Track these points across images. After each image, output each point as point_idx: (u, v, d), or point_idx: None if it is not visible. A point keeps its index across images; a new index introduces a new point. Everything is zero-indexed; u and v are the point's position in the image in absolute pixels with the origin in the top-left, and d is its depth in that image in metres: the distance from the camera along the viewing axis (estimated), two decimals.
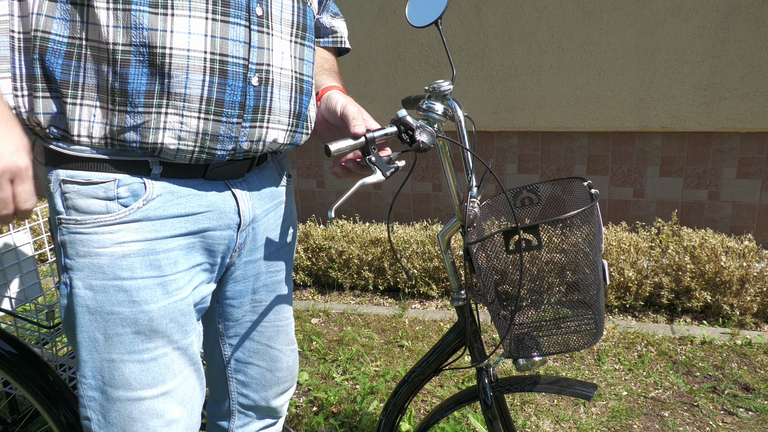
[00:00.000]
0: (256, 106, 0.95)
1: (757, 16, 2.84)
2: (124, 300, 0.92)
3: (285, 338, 1.24)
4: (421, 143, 1.03)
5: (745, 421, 2.09)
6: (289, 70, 1.00)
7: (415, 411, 2.23)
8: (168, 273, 0.95)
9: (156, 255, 0.93)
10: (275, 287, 1.19)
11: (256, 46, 0.93)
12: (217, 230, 1.00)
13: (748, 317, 2.69)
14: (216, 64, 0.89)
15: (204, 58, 0.88)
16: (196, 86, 0.88)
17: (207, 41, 0.88)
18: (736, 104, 2.97)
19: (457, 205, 1.20)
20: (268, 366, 1.23)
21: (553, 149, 3.35)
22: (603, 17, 3.02)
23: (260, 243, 1.12)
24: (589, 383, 1.27)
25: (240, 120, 0.93)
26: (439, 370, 1.39)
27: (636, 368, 2.41)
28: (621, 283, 2.83)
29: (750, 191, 3.12)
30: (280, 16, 0.98)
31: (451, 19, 3.23)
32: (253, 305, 1.17)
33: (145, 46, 0.85)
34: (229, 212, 1.02)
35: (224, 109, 0.91)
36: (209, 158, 0.94)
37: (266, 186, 1.10)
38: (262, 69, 0.94)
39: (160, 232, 0.93)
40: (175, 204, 0.94)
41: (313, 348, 2.71)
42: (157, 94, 0.87)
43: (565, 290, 1.19)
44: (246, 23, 0.91)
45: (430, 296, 3.15)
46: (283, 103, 1.00)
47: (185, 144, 0.90)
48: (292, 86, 1.01)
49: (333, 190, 3.79)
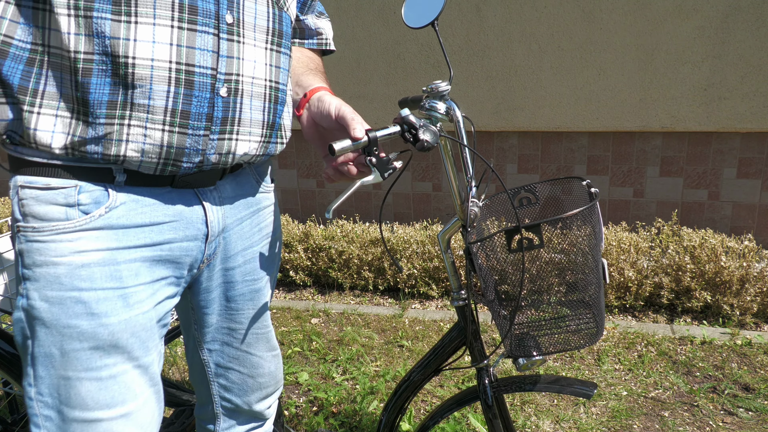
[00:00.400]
0: (225, 118, 0.91)
1: (757, 16, 2.83)
2: (83, 312, 0.87)
3: (266, 345, 1.21)
4: (425, 142, 1.03)
5: (745, 421, 2.09)
6: (262, 80, 0.96)
7: (415, 411, 2.23)
8: (129, 285, 0.90)
9: (117, 265, 0.89)
10: (253, 296, 1.15)
11: (225, 56, 0.89)
12: (183, 241, 0.96)
13: (748, 317, 2.69)
14: (182, 74, 0.85)
15: (169, 68, 0.84)
16: (160, 97, 0.84)
17: (172, 50, 0.84)
18: (736, 104, 2.97)
19: (459, 205, 1.20)
20: (249, 372, 1.20)
21: (553, 149, 3.35)
22: (603, 17, 3.02)
23: (234, 252, 1.08)
24: (589, 382, 1.27)
25: (207, 132, 0.89)
26: (439, 371, 1.39)
27: (636, 368, 2.41)
28: (621, 283, 2.83)
29: (750, 191, 3.12)
30: (254, 23, 0.93)
31: (451, 19, 3.23)
32: (229, 313, 1.13)
33: (108, 55, 0.81)
34: (197, 222, 0.97)
35: (190, 121, 0.87)
36: (175, 170, 0.90)
37: (241, 194, 1.06)
38: (231, 79, 0.90)
39: (122, 241, 0.89)
40: (139, 213, 0.90)
41: (313, 348, 2.71)
42: (119, 104, 0.83)
43: (565, 290, 1.19)
44: (215, 31, 0.87)
45: (430, 296, 3.15)
46: (255, 113, 0.96)
47: (149, 157, 0.87)
48: (265, 96, 0.97)
49: (333, 189, 3.79)
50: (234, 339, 1.16)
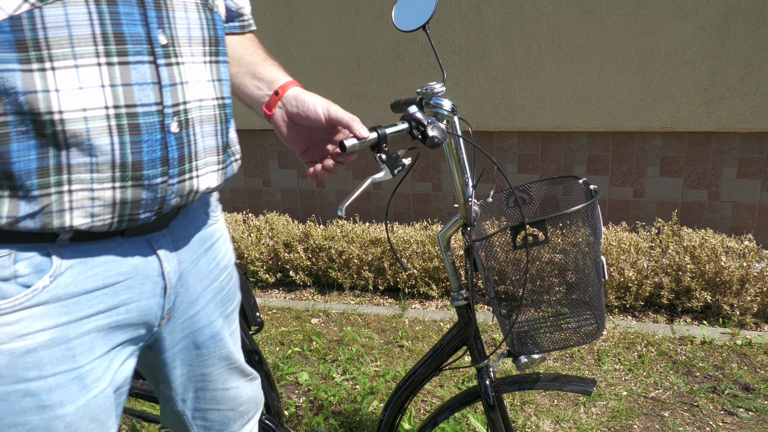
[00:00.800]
0: (181, 156, 0.78)
1: (757, 16, 2.84)
2: (32, 406, 0.73)
3: (240, 374, 1.11)
4: (435, 138, 1.03)
5: (745, 421, 2.09)
6: (210, 100, 0.84)
7: (415, 411, 2.23)
8: (84, 363, 0.77)
9: (69, 343, 0.75)
10: (223, 334, 1.03)
11: (168, 84, 0.76)
12: (140, 300, 0.83)
13: (748, 317, 2.69)
14: (123, 119, 0.71)
15: (106, 115, 0.70)
16: (103, 152, 0.71)
17: (106, 94, 0.70)
18: (736, 104, 2.97)
19: (463, 203, 1.20)
20: (229, 406, 1.10)
21: (553, 149, 3.35)
22: (603, 17, 3.02)
23: (194, 296, 0.95)
24: (589, 379, 1.28)
25: (165, 178, 0.77)
26: (439, 370, 1.39)
27: (636, 368, 2.41)
28: (621, 283, 2.83)
29: (750, 191, 3.12)
30: (188, 36, 0.79)
31: (451, 19, 3.23)
32: (200, 360, 1.01)
33: (26, 114, 0.66)
34: (153, 276, 0.85)
35: (144, 171, 0.74)
36: (132, 224, 0.78)
37: (193, 231, 0.94)
38: (179, 110, 0.77)
39: (72, 313, 0.75)
40: (89, 276, 0.77)
41: (313, 348, 2.71)
42: (53, 170, 0.69)
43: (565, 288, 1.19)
44: (150, 59, 0.73)
45: (430, 296, 3.15)
46: (208, 140, 0.84)
47: (101, 219, 0.74)
48: (215, 118, 0.85)
49: (333, 190, 3.79)
50: (209, 382, 1.05)
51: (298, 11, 3.44)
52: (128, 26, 0.71)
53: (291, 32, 3.50)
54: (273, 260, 3.37)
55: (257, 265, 3.33)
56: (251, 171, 3.89)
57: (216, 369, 1.04)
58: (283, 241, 3.32)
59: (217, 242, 1.01)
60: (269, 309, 3.13)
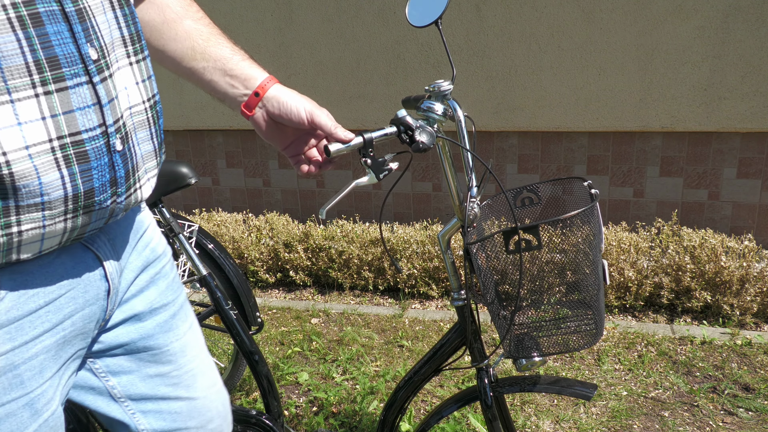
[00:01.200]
0: (127, 172, 0.74)
1: (757, 16, 2.84)
2: None
3: (206, 380, 1.01)
4: (421, 143, 1.03)
5: (745, 421, 2.09)
6: (141, 103, 0.78)
7: (415, 411, 2.23)
8: (34, 387, 0.73)
9: (16, 370, 0.71)
10: (172, 323, 0.95)
11: (107, 101, 0.70)
12: (85, 308, 0.78)
13: (748, 317, 2.69)
14: (69, 149, 0.66)
15: (51, 148, 0.64)
16: (55, 188, 0.65)
17: (49, 126, 0.64)
18: (736, 104, 2.97)
19: (457, 206, 1.20)
20: (199, 423, 0.99)
21: (553, 149, 3.35)
22: (603, 17, 3.02)
23: (137, 289, 0.90)
24: (589, 383, 1.27)
25: (114, 197, 0.73)
26: (439, 370, 1.39)
27: (636, 368, 2.41)
28: (621, 283, 2.83)
29: (750, 191, 3.12)
30: (111, 41, 0.73)
31: (451, 19, 3.23)
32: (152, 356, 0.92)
33: None
34: (95, 279, 0.80)
35: (96, 198, 0.70)
36: (77, 240, 0.75)
37: (126, 224, 0.89)
38: (120, 125, 0.72)
39: (16, 339, 0.71)
40: (30, 296, 0.72)
41: (313, 348, 2.71)
42: (0, 213, 0.64)
43: (565, 290, 1.19)
44: (87, 78, 0.67)
45: (430, 296, 3.15)
46: (145, 146, 0.79)
47: (48, 246, 0.71)
48: (148, 121, 0.80)
49: (333, 190, 3.79)
50: (169, 387, 0.95)
51: (298, 11, 3.44)
52: (60, 47, 0.65)
53: (291, 32, 3.50)
54: (273, 260, 3.37)
55: (257, 265, 3.33)
56: (251, 171, 3.89)
57: (173, 368, 0.95)
58: (283, 241, 3.32)
59: (148, 229, 0.95)
60: (269, 309, 3.13)
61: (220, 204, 4.02)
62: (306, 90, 3.54)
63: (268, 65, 3.56)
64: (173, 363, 0.95)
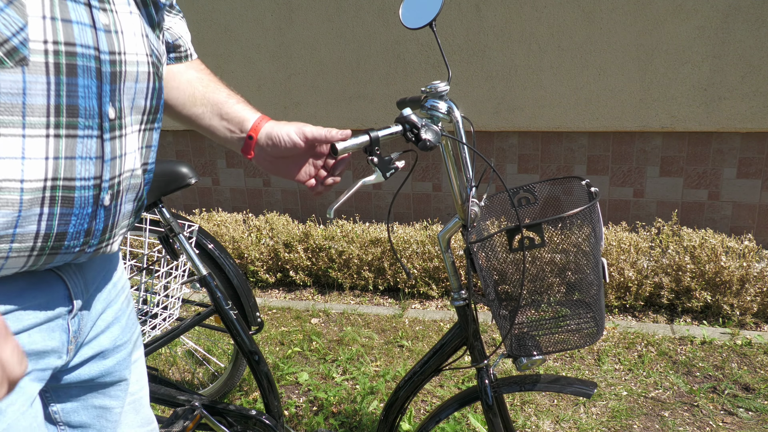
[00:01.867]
0: (105, 227, 0.76)
1: (757, 16, 2.84)
2: None
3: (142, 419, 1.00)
4: (428, 141, 1.03)
5: (745, 421, 2.09)
6: (139, 168, 0.81)
7: (415, 411, 2.23)
8: None
9: None
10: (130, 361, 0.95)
11: (110, 158, 0.73)
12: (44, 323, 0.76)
13: (748, 317, 2.69)
14: (58, 191, 0.68)
15: (43, 187, 0.66)
16: (29, 222, 0.67)
17: (49, 165, 0.66)
18: (736, 104, 2.97)
19: (460, 204, 1.20)
20: None
21: (553, 149, 3.35)
22: (603, 17, 3.02)
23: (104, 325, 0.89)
24: (589, 381, 1.28)
25: (84, 246, 0.74)
26: (439, 370, 1.39)
27: (636, 368, 2.41)
28: (621, 283, 2.83)
29: (750, 191, 3.12)
30: (132, 106, 0.77)
31: (451, 19, 3.23)
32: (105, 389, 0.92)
33: None
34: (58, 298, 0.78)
35: (65, 242, 0.71)
36: None
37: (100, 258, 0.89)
38: (114, 182, 0.74)
39: None
40: None
41: (313, 348, 2.71)
42: None
43: (565, 290, 1.19)
44: (98, 132, 0.70)
45: (430, 296, 3.15)
46: (127, 206, 0.80)
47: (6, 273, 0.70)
48: (139, 184, 0.82)
49: (333, 190, 3.79)
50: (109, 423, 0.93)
51: (298, 11, 3.44)
52: (84, 99, 0.68)
53: (291, 32, 3.50)
54: (273, 260, 3.37)
55: (257, 265, 3.33)
56: (251, 171, 3.89)
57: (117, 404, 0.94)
58: (283, 241, 3.32)
59: (118, 264, 0.94)
60: (269, 309, 3.13)
61: (220, 204, 4.02)
62: (306, 90, 3.54)
63: (268, 65, 3.57)
64: (120, 399, 0.95)
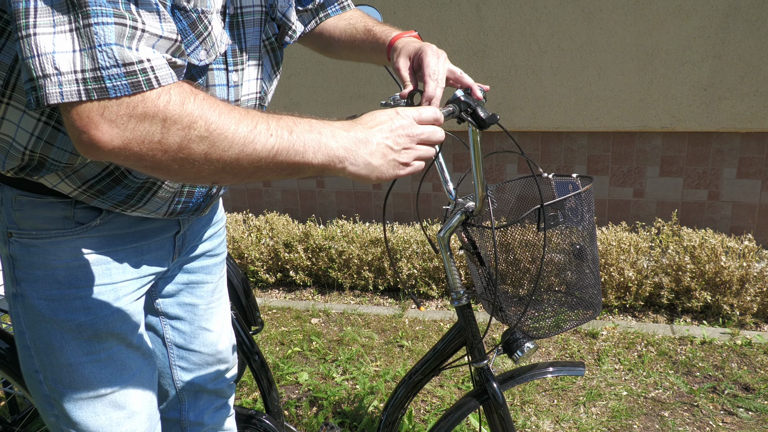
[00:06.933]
0: None
1: (757, 16, 2.84)
2: (80, 307, 0.96)
3: (220, 319, 1.31)
4: (487, 118, 1.05)
5: (745, 421, 2.09)
6: None
7: (415, 411, 2.23)
8: (118, 280, 1.00)
9: (108, 264, 0.99)
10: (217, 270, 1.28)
11: None
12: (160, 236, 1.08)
13: (748, 317, 2.69)
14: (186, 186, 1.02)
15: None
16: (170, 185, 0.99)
17: None
18: (736, 104, 2.97)
19: (480, 194, 1.19)
20: (210, 351, 1.29)
21: (553, 149, 3.35)
22: (603, 17, 3.02)
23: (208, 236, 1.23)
24: (577, 362, 1.38)
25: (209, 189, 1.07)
26: (439, 370, 1.40)
27: (636, 368, 2.41)
28: (621, 283, 2.83)
29: (750, 191, 3.12)
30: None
31: (451, 19, 3.23)
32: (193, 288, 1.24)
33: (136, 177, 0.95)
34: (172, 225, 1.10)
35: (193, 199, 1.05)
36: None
37: None
38: None
39: (112, 245, 0.99)
40: (127, 223, 1.02)
41: (313, 348, 2.71)
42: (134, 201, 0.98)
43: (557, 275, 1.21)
44: None
45: (430, 296, 3.15)
46: None
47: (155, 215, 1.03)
48: None
49: (333, 190, 3.79)
50: (195, 316, 1.25)
51: None
52: None
53: None
54: (273, 260, 3.37)
55: (257, 265, 3.33)
56: None
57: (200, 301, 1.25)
58: (283, 241, 3.32)
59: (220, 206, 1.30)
60: (269, 309, 3.13)
61: None
62: (306, 90, 3.54)
63: None
64: (204, 299, 1.25)
